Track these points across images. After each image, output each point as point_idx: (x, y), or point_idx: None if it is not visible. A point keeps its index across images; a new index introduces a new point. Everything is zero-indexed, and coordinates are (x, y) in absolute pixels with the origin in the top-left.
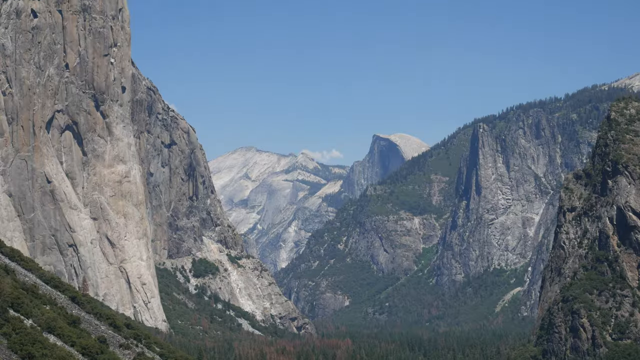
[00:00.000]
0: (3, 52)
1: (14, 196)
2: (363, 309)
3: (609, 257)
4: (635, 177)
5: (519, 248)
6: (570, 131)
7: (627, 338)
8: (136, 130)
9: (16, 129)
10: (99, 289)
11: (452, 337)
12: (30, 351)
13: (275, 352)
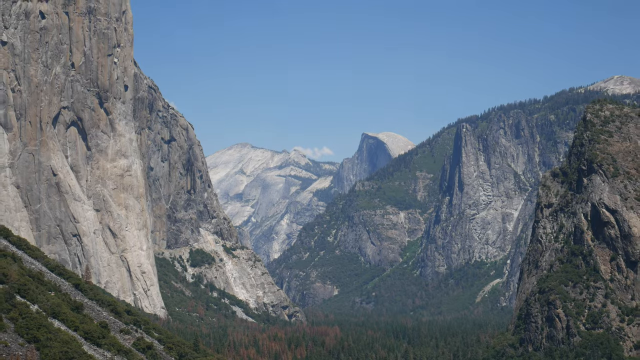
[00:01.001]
0: (12, 51)
1: (22, 188)
2: (351, 299)
3: (583, 251)
4: (609, 175)
5: (498, 242)
6: (548, 131)
7: (599, 328)
8: (137, 126)
9: (24, 124)
10: (101, 276)
11: (434, 325)
12: (35, 335)
13: (268, 338)
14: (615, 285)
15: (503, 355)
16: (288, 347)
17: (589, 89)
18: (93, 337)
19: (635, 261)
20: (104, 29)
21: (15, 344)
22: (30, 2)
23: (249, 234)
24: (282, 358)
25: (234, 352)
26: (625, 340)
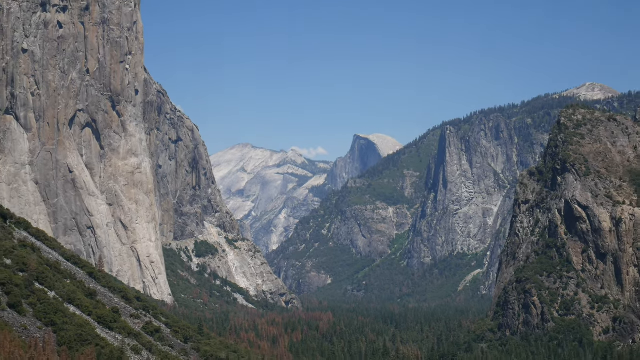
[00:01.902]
0: (32, 58)
1: (40, 184)
2: (343, 287)
3: (557, 243)
4: (581, 174)
5: (479, 235)
6: (525, 134)
7: (571, 314)
8: (147, 127)
9: (43, 125)
10: (113, 266)
11: (420, 312)
12: (52, 319)
13: (266, 323)
14: (586, 275)
15: (483, 340)
16: (285, 331)
17: (562, 94)
18: (105, 321)
19: (605, 253)
20: (117, 37)
21: (34, 327)
22: (49, 13)
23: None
24: (280, 341)
25: (235, 336)
26: (595, 326)
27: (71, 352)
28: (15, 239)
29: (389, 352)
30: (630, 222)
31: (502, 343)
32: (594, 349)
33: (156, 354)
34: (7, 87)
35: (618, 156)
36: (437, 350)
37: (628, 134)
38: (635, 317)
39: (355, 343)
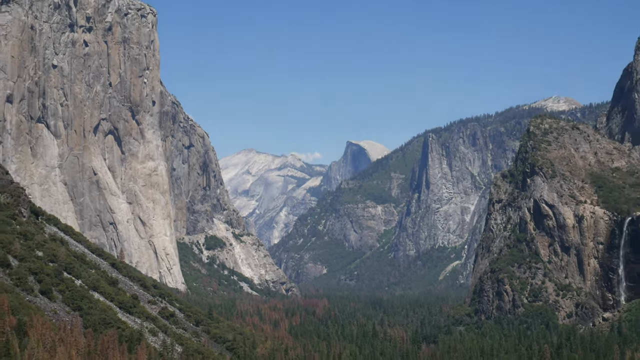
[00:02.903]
0: (61, 72)
1: (68, 185)
2: (337, 276)
3: (526, 238)
4: (548, 176)
5: (458, 230)
6: (498, 141)
7: (539, 301)
8: (163, 134)
9: (70, 132)
10: (132, 257)
11: (405, 298)
12: (79, 304)
13: (269, 308)
14: (552, 266)
15: (461, 323)
16: (285, 315)
17: (531, 106)
18: (126, 307)
19: (569, 247)
20: (136, 55)
21: (63, 311)
22: (76, 33)
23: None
24: (281, 325)
25: (241, 320)
26: (560, 311)
27: (95, 334)
28: (46, 234)
29: (377, 334)
30: (591, 219)
31: (477, 326)
32: (559, 331)
33: (171, 335)
34: (39, 99)
35: (580, 161)
36: (420, 332)
37: (589, 141)
38: (595, 303)
39: (348, 326)
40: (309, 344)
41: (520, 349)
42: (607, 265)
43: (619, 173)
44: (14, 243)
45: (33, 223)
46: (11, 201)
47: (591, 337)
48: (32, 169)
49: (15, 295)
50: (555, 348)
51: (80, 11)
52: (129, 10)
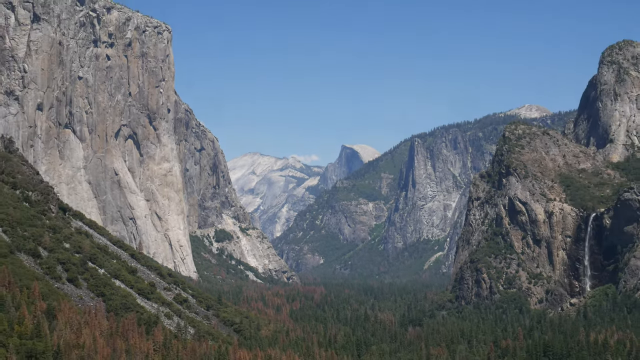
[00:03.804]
0: (86, 83)
1: (92, 184)
2: (333, 266)
3: (502, 232)
4: (521, 177)
5: (441, 225)
6: (477, 144)
7: (513, 288)
8: (177, 139)
9: (94, 137)
10: (150, 249)
11: (394, 286)
12: (102, 291)
13: (272, 294)
14: (525, 257)
15: (443, 308)
16: (287, 301)
17: (507, 113)
18: (144, 293)
19: (540, 239)
20: (153, 67)
21: (87, 297)
22: (99, 48)
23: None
24: (282, 309)
25: (247, 305)
26: (532, 297)
27: (117, 317)
28: (73, 227)
29: (369, 318)
30: (559, 215)
31: (458, 311)
32: (531, 315)
33: (184, 319)
34: (66, 107)
35: (550, 163)
36: (407, 316)
37: (558, 145)
38: (563, 290)
39: (342, 311)
40: (308, 327)
41: (496, 331)
42: (574, 256)
43: (585, 174)
44: (43, 236)
45: (61, 218)
46: (41, 198)
47: (560, 321)
48: (60, 170)
49: (45, 282)
50: (528, 330)
51: (103, 28)
52: (147, 28)
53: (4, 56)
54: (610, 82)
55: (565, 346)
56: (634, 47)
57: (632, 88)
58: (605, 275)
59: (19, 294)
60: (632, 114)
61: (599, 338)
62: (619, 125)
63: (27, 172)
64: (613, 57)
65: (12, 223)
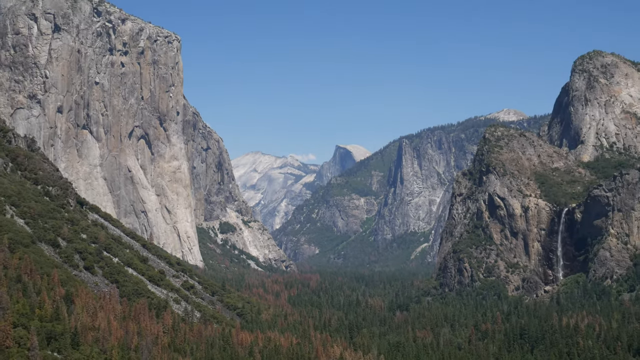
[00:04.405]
0: (102, 88)
1: (107, 180)
2: (327, 256)
3: (482, 225)
4: (500, 175)
5: (426, 218)
6: (460, 145)
7: (492, 276)
8: (185, 139)
9: (109, 137)
10: (160, 239)
11: (383, 274)
12: (116, 278)
13: (271, 282)
14: (503, 248)
15: (428, 294)
16: (285, 287)
17: (487, 117)
18: (154, 280)
19: (517, 232)
20: (163, 74)
21: (102, 283)
22: (114, 56)
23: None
24: (281, 295)
25: (249, 291)
26: (509, 284)
27: (130, 302)
28: (89, 220)
29: (360, 303)
30: (535, 210)
31: (442, 297)
32: (508, 301)
33: (191, 304)
34: (84, 110)
35: (526, 162)
36: (395, 301)
37: (534, 146)
38: (538, 278)
39: (336, 296)
40: (304, 311)
41: (477, 315)
42: (547, 248)
43: (558, 172)
44: (62, 227)
45: (78, 211)
46: (61, 193)
47: (535, 306)
48: (78, 167)
49: (64, 270)
50: (505, 315)
51: (118, 38)
52: (158, 37)
53: (27, 63)
54: (581, 89)
55: (540, 330)
56: (603, 57)
57: (601, 94)
58: (576, 265)
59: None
60: (601, 117)
61: (571, 322)
62: (589, 128)
63: (47, 169)
64: (584, 66)
65: (33, 215)
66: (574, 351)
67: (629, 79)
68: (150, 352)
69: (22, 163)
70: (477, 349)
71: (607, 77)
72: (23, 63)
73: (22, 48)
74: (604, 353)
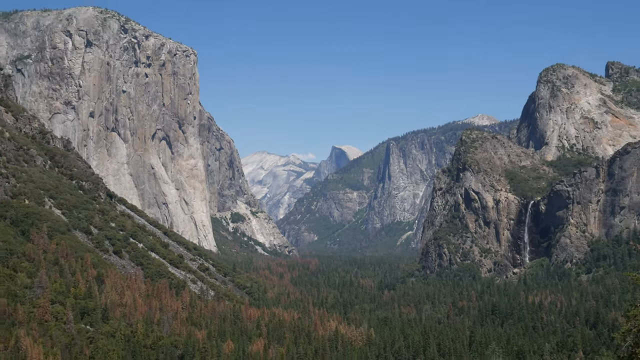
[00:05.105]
0: (129, 96)
1: (133, 176)
2: (325, 242)
3: (459, 215)
4: (474, 172)
5: (410, 210)
6: (440, 146)
7: (468, 260)
8: (201, 140)
9: (135, 138)
10: (179, 228)
11: (373, 258)
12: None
13: (276, 264)
14: (477, 235)
15: (412, 276)
16: (288, 269)
17: (464, 121)
18: (174, 263)
19: (489, 222)
20: (182, 83)
21: (129, 266)
22: (139, 67)
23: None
24: (285, 276)
25: (256, 272)
26: (482, 267)
27: (153, 282)
28: (117, 210)
29: (353, 283)
30: (505, 202)
31: (424, 278)
32: (482, 281)
33: (206, 283)
34: (113, 114)
35: (498, 161)
36: (383, 282)
37: (504, 147)
38: (508, 262)
39: (332, 277)
40: (305, 290)
41: (454, 294)
42: (516, 235)
43: (525, 170)
44: (94, 217)
45: (108, 203)
46: (92, 187)
47: (504, 286)
48: (108, 165)
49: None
50: (479, 294)
51: (142, 52)
52: (177, 52)
53: (63, 74)
54: (546, 97)
55: (509, 306)
56: (565, 69)
57: (563, 102)
58: (540, 250)
59: (75, 264)
60: (563, 122)
61: (536, 300)
62: (553, 131)
63: (81, 166)
64: (548, 77)
65: (69, 207)
66: (538, 325)
67: (587, 88)
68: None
69: (59, 161)
70: (454, 323)
71: (568, 87)
72: (59, 74)
73: (59, 61)
74: (564, 326)
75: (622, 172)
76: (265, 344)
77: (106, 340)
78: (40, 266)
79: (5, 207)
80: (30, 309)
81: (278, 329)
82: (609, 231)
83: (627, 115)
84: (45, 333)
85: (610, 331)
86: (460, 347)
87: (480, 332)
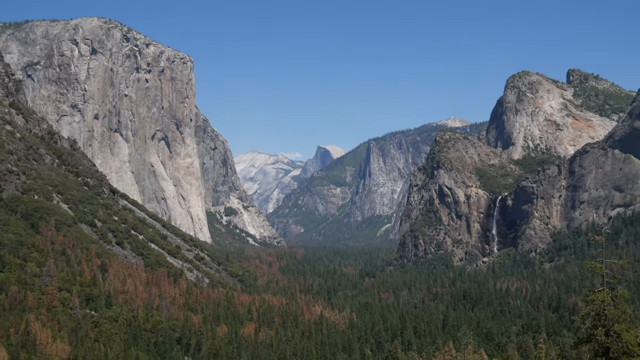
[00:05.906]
0: (130, 99)
1: (135, 173)
2: (310, 234)
3: (434, 209)
4: (448, 169)
5: (389, 204)
6: (416, 146)
7: (441, 250)
8: (197, 140)
9: (136, 139)
10: (176, 221)
11: (355, 249)
12: (142, 252)
13: (265, 254)
14: (450, 227)
15: (391, 265)
16: (277, 259)
17: (438, 123)
18: (172, 253)
19: (461, 215)
20: (180, 88)
21: (130, 256)
22: (140, 73)
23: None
24: (274, 265)
25: (248, 262)
26: (455, 257)
27: (152, 271)
28: (120, 205)
29: (336, 271)
30: (475, 197)
31: (401, 266)
32: (454, 269)
33: (202, 272)
34: (116, 117)
35: (469, 159)
36: (364, 270)
37: (474, 147)
38: (478, 251)
39: (317, 266)
40: (292, 278)
41: (429, 281)
42: (485, 227)
43: (493, 168)
44: (98, 211)
45: (111, 198)
46: (97, 183)
47: (475, 274)
48: (111, 163)
49: (100, 245)
50: (452, 281)
51: (143, 59)
52: (175, 59)
53: (70, 79)
54: (513, 102)
55: (479, 292)
56: (530, 76)
57: (528, 106)
58: (507, 241)
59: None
60: (528, 124)
61: (503, 286)
62: (519, 132)
63: (86, 164)
64: (515, 83)
65: (75, 202)
66: (505, 309)
67: (550, 93)
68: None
69: (66, 160)
70: (429, 307)
71: (533, 92)
72: (66, 79)
73: (66, 67)
74: (529, 310)
75: (582, 169)
76: (256, 327)
77: (109, 325)
78: (49, 256)
79: (16, 202)
80: (40, 296)
81: (268, 314)
82: (569, 223)
83: (587, 118)
84: (53, 318)
85: (570, 314)
86: (435, 329)
87: (452, 315)
